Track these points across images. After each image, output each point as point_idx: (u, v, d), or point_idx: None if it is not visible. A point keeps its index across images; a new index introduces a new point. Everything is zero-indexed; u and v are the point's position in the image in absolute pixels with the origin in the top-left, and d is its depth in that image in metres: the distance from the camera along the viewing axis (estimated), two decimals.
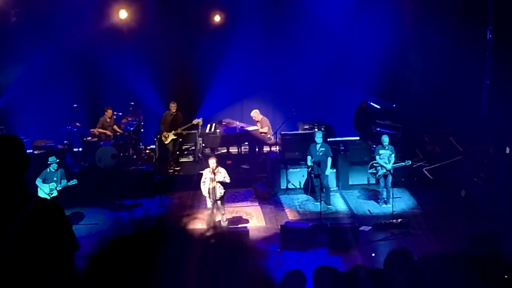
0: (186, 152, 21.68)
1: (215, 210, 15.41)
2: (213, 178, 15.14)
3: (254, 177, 19.28)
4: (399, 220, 15.91)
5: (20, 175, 3.85)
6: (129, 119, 20.60)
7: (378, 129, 20.98)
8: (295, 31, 21.81)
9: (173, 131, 20.25)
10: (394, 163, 17.30)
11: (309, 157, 17.49)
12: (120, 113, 20.63)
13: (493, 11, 19.08)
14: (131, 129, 20.40)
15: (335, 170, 18.89)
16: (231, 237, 2.02)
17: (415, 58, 21.12)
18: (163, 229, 2.06)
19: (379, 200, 17.68)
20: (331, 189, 18.21)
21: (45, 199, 4.09)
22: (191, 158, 21.56)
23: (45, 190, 15.78)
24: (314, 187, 17.77)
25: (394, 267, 5.39)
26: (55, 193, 15.92)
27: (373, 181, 18.60)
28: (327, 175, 17.60)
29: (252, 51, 21.99)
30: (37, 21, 20.70)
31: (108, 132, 20.03)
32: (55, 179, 16.15)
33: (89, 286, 1.93)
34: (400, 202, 17.42)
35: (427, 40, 20.94)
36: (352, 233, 14.64)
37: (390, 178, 17.17)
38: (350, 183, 19.05)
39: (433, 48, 20.71)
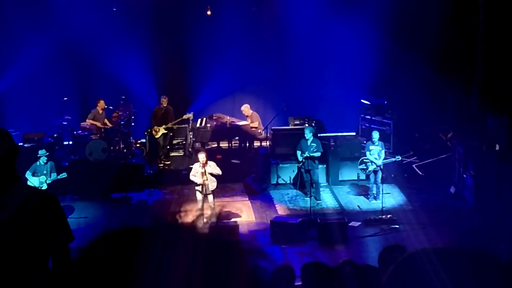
0: (176, 146, 21.64)
1: (205, 205, 15.43)
2: (203, 172, 15.16)
3: (245, 172, 19.28)
4: (388, 216, 15.98)
5: (11, 166, 3.85)
6: (120, 113, 20.54)
7: (369, 125, 21.04)
8: (285, 26, 21.76)
9: (163, 126, 20.23)
10: (384, 159, 17.36)
11: (299, 152, 17.51)
12: (111, 107, 20.56)
13: (485, 6, 19.12)
14: (122, 122, 20.37)
15: (325, 166, 18.93)
16: (219, 233, 2.02)
17: (405, 54, 21.14)
18: (152, 224, 2.06)
19: (368, 196, 17.72)
20: (321, 185, 18.26)
21: (40, 189, 4.11)
22: (181, 153, 21.52)
23: (34, 183, 15.73)
24: (304, 182, 17.82)
25: (389, 263, 5.42)
26: (44, 186, 15.88)
27: (363, 176, 18.61)
28: (317, 170, 17.66)
29: (243, 46, 21.95)
30: (28, 14, 20.61)
31: (99, 124, 19.99)
32: (44, 172, 16.12)
33: (77, 280, 1.93)
34: (389, 198, 17.48)
35: (417, 37, 20.99)
36: (341, 228, 14.70)
37: (380, 174, 17.22)
38: (340, 178, 19.09)
39: (423, 44, 20.75)
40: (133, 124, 21.07)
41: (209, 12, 21.50)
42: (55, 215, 3.91)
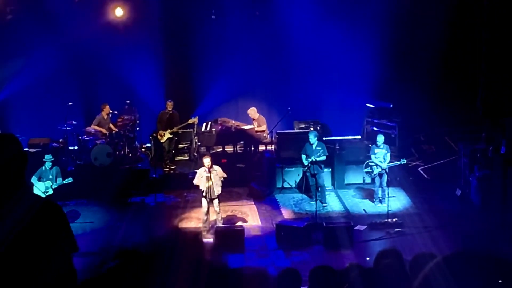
0: (181, 151, 21.65)
1: (210, 209, 15.41)
2: (209, 176, 15.14)
3: (250, 176, 19.26)
4: (394, 219, 15.93)
5: (18, 172, 3.84)
6: (125, 117, 20.57)
7: (374, 128, 21.02)
8: (290, 30, 21.75)
9: (169, 130, 20.24)
10: (390, 162, 17.32)
11: (304, 156, 17.50)
12: (116, 112, 20.59)
13: (489, 10, 19.10)
14: (128, 128, 20.40)
15: (330, 169, 18.91)
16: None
17: (410, 57, 21.14)
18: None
19: (374, 199, 17.69)
20: (327, 188, 18.23)
21: (46, 199, 4.08)
22: (186, 157, 21.53)
23: (40, 188, 15.76)
24: (309, 186, 17.80)
25: (383, 267, 5.42)
26: (50, 191, 15.90)
27: (368, 180, 18.62)
28: (323, 174, 17.64)
29: (247, 50, 21.95)
30: (33, 19, 20.65)
31: (104, 130, 20.00)
32: (50, 177, 16.13)
33: None
34: (395, 201, 17.43)
35: (422, 39, 20.97)
36: (347, 232, 14.67)
37: (385, 177, 17.19)
38: (346, 182, 19.05)
39: (428, 46, 20.74)
40: (138, 128, 21.10)
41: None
42: (58, 224, 3.89)
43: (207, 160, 15.19)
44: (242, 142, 21.08)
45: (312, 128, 19.90)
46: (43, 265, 3.73)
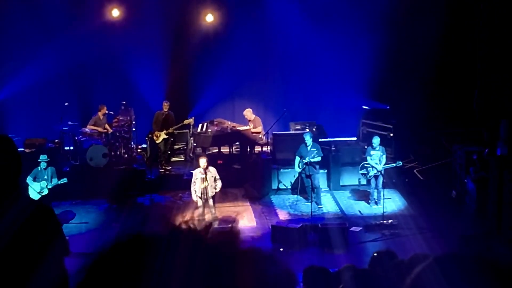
0: (177, 152, 21.63)
1: (205, 210, 15.41)
2: (204, 177, 15.14)
3: (245, 177, 19.26)
4: (389, 221, 15.97)
5: (12, 176, 3.80)
6: (120, 118, 20.53)
7: (370, 130, 21.04)
8: (286, 31, 21.77)
9: (164, 131, 20.21)
10: (385, 164, 17.35)
11: (296, 162, 17.50)
12: (112, 112, 20.55)
13: (486, 11, 19.14)
14: (126, 129, 20.37)
15: (326, 171, 18.92)
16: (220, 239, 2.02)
17: (407, 58, 21.17)
18: (157, 231, 2.06)
19: (369, 201, 17.71)
20: (322, 190, 18.24)
21: (37, 201, 4.09)
22: (182, 158, 21.50)
23: (35, 189, 15.73)
24: (304, 187, 17.80)
25: (379, 268, 5.43)
26: (45, 192, 15.88)
27: (364, 182, 18.62)
28: (318, 175, 17.65)
29: (244, 51, 21.92)
30: (29, 20, 20.62)
31: (100, 129, 19.98)
32: (45, 177, 16.11)
33: None
34: (390, 203, 17.45)
35: (418, 40, 21.00)
36: (342, 233, 14.69)
37: (381, 179, 17.21)
38: (341, 183, 19.07)
39: (424, 48, 20.76)
40: (134, 129, 21.06)
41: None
42: (50, 227, 3.87)
43: (203, 161, 15.20)
44: (238, 143, 21.07)
45: (307, 129, 19.92)
46: (35, 269, 3.71)
